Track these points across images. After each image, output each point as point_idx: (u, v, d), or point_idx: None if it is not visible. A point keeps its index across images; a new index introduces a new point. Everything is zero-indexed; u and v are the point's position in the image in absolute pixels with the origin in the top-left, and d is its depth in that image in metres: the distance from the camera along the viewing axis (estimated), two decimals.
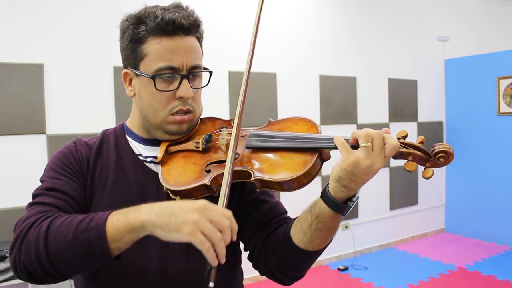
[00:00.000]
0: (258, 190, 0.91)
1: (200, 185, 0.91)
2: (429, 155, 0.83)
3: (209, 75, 1.03)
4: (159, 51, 0.93)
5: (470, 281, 3.80)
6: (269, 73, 3.92)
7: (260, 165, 0.91)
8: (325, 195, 0.85)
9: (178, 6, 0.98)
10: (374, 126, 0.84)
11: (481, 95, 4.92)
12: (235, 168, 0.92)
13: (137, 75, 0.98)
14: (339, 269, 4.16)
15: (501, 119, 4.76)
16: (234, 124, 0.93)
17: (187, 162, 0.98)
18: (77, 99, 3.05)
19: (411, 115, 4.99)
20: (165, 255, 0.95)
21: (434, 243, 4.97)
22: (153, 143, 1.03)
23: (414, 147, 0.84)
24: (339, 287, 3.83)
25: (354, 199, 0.84)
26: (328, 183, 0.85)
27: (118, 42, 1.01)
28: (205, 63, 1.03)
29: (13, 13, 2.83)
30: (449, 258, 4.37)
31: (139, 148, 1.04)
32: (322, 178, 3.93)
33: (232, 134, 0.91)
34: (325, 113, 4.26)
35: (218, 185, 0.92)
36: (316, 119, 4.13)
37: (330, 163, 0.92)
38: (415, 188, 5.07)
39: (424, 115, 5.11)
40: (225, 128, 1.02)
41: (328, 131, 4.05)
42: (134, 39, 0.95)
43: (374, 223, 4.71)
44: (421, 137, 0.84)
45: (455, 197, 5.29)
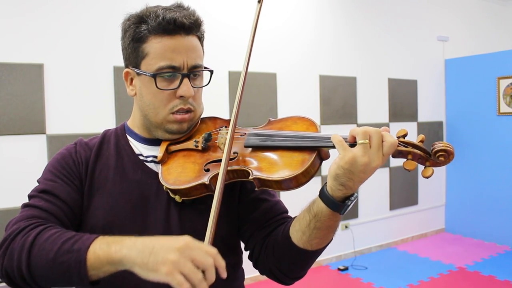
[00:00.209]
0: (256, 189, 0.90)
1: (199, 183, 0.91)
2: (429, 154, 0.82)
3: (210, 75, 1.03)
4: (160, 50, 0.93)
5: (470, 281, 3.80)
6: (269, 73, 3.92)
7: (258, 164, 0.90)
8: (323, 193, 0.84)
9: (180, 6, 0.98)
10: (374, 126, 0.83)
11: (481, 95, 4.92)
12: (234, 167, 0.91)
13: (138, 74, 0.98)
14: (339, 269, 4.15)
15: (501, 119, 4.76)
16: (230, 123, 0.92)
17: (186, 161, 0.98)
18: (77, 99, 3.05)
19: (411, 115, 4.99)
20: None
21: (434, 243, 4.96)
22: (154, 142, 1.03)
23: (413, 145, 0.82)
24: (339, 287, 3.83)
25: (352, 198, 0.83)
26: (326, 182, 0.85)
27: (119, 42, 1.02)
28: (205, 63, 1.03)
29: (13, 13, 2.83)
30: (449, 258, 4.37)
31: (139, 148, 1.04)
32: (322, 178, 3.93)
33: (228, 134, 0.91)
34: (325, 113, 4.26)
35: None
36: (316, 119, 4.12)
37: (329, 162, 0.91)
38: (415, 188, 5.07)
39: (424, 115, 5.11)
40: (224, 127, 1.02)
41: (328, 131, 4.01)
42: (135, 38, 0.95)
43: (374, 223, 4.71)
44: (421, 136, 0.83)
45: (455, 197, 5.29)
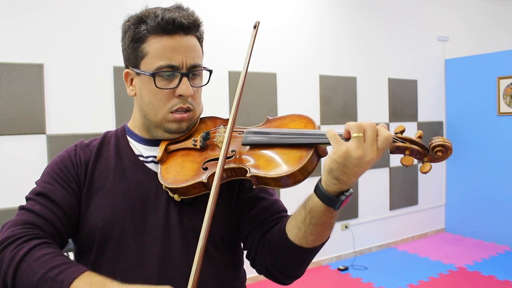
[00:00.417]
0: (254, 187, 0.90)
1: (197, 182, 0.92)
2: (426, 149, 0.81)
3: (209, 75, 1.03)
4: (159, 50, 0.94)
5: (470, 281, 3.80)
6: (269, 73, 3.92)
7: (256, 161, 0.90)
8: (317, 188, 0.84)
9: (179, 7, 0.99)
10: None
11: (481, 95, 4.92)
12: (231, 165, 0.91)
13: (138, 74, 0.99)
14: (339, 269, 4.15)
15: (501, 119, 4.76)
16: (229, 121, 0.92)
17: (185, 160, 0.98)
18: (77, 99, 3.05)
19: (411, 115, 4.99)
20: (165, 257, 0.95)
21: (434, 243, 4.96)
22: (154, 143, 1.04)
23: (411, 141, 0.82)
24: (339, 287, 3.83)
25: (347, 193, 0.82)
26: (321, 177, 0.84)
27: (119, 42, 1.03)
28: (205, 63, 1.03)
29: (13, 13, 2.83)
30: (449, 258, 4.37)
31: (140, 149, 1.05)
32: None
33: (226, 132, 0.91)
34: (325, 113, 4.26)
35: None
36: (316, 119, 4.12)
37: None
38: (415, 188, 5.07)
39: (424, 115, 5.11)
40: (222, 126, 1.02)
41: None
42: (135, 38, 0.96)
43: (374, 223, 4.71)
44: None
45: (455, 197, 5.29)
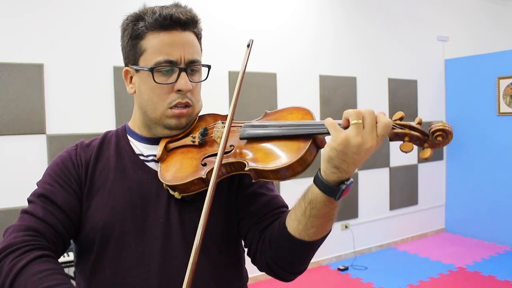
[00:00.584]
0: (253, 181, 0.89)
1: (196, 178, 0.91)
2: (426, 135, 0.80)
3: (207, 71, 1.03)
4: (157, 45, 0.95)
5: (470, 281, 3.80)
6: (269, 73, 3.92)
7: (254, 155, 0.90)
8: (317, 178, 0.83)
9: (177, 5, 1.00)
10: None
11: (481, 95, 4.92)
12: (230, 160, 0.91)
13: (137, 71, 0.99)
14: (339, 269, 4.15)
15: (501, 119, 4.76)
16: (228, 117, 0.92)
17: (184, 157, 0.98)
18: (77, 99, 3.06)
19: (411, 115, 4.98)
20: (165, 256, 0.96)
21: (434, 243, 4.96)
22: (154, 141, 1.04)
23: (410, 127, 0.81)
24: (339, 287, 3.83)
25: (347, 182, 0.80)
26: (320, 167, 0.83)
27: (119, 42, 1.03)
28: (204, 62, 1.03)
29: (13, 13, 2.83)
30: (449, 258, 4.37)
31: (140, 148, 1.05)
32: None
33: (225, 127, 0.91)
34: (325, 113, 4.26)
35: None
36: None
37: None
38: (415, 188, 5.07)
39: (424, 115, 5.10)
40: (220, 121, 1.02)
41: None
42: (133, 35, 0.97)
43: (374, 223, 4.71)
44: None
45: (455, 197, 5.29)
